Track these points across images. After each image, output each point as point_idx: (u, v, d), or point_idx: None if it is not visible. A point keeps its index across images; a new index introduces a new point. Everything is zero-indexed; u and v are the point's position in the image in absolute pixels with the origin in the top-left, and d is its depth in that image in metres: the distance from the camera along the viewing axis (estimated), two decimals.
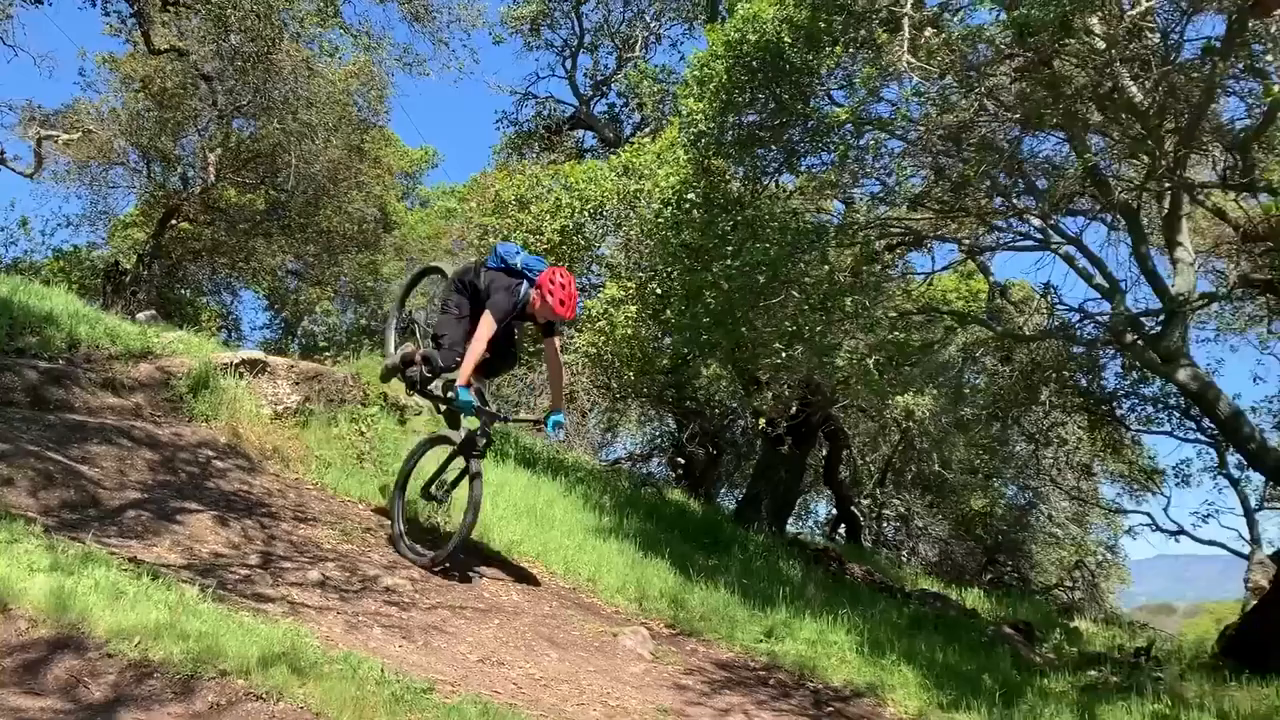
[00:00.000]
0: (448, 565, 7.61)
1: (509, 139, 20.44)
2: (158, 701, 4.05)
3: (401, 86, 44.00)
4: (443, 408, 8.27)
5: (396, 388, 12.24)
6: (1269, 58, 6.98)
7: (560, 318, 7.53)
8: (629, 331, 11.18)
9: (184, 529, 6.68)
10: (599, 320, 11.34)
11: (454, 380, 7.58)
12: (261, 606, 5.63)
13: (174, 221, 21.73)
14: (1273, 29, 6.88)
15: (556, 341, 7.98)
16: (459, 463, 7.86)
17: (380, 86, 21.42)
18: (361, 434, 9.73)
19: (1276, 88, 4.48)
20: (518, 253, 7.68)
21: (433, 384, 7.99)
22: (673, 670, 7.02)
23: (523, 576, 8.31)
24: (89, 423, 7.82)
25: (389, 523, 8.00)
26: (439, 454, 8.03)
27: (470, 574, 7.88)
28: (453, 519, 8.42)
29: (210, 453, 8.29)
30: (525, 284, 7.53)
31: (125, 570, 5.19)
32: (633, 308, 11.17)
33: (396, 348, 8.53)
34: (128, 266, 20.79)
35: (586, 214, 11.71)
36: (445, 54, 16.84)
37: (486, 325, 7.40)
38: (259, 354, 9.86)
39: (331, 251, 24.39)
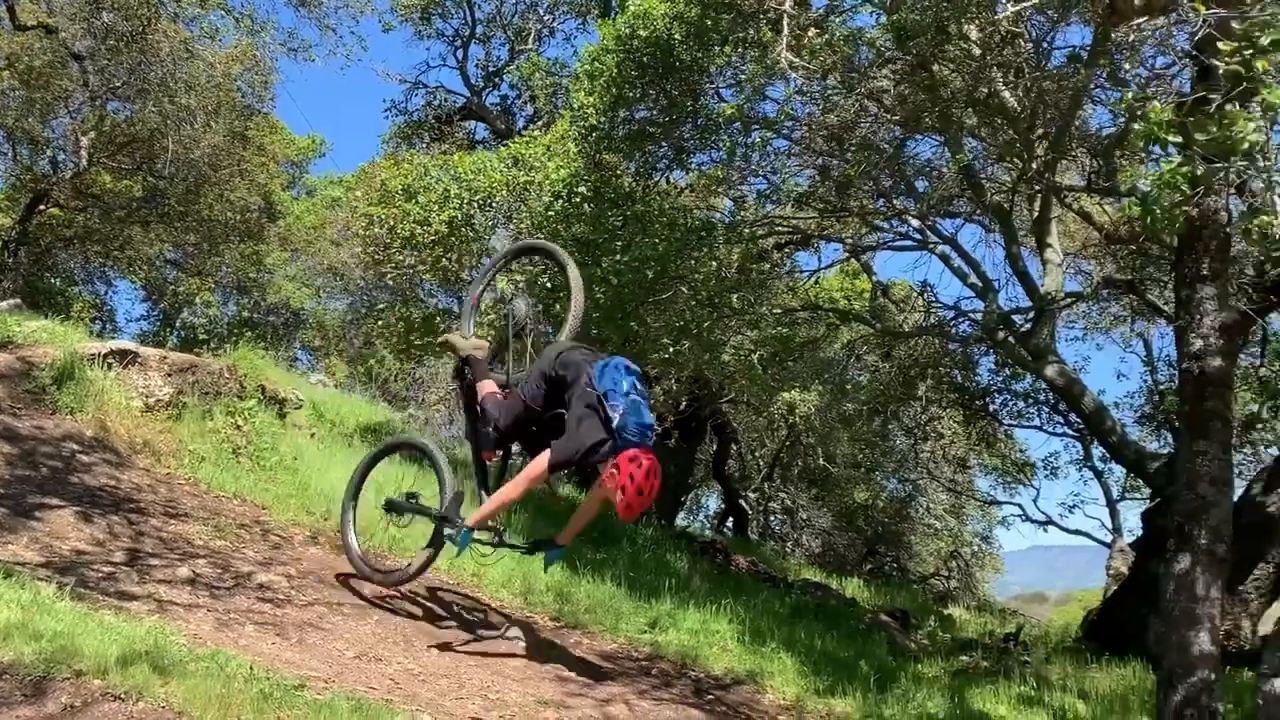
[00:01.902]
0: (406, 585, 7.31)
1: (398, 128, 20.08)
2: (6, 704, 3.87)
3: (287, 73, 42.86)
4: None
5: (279, 381, 11.98)
6: (1127, 66, 7.35)
7: (625, 507, 5.69)
8: None
9: (43, 526, 6.39)
10: (487, 314, 11.23)
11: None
12: (125, 605, 5.42)
13: (43, 207, 20.72)
14: (1132, 38, 7.24)
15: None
16: (427, 525, 7.06)
17: (265, 72, 20.81)
18: (238, 428, 9.45)
19: (1130, 94, 4.72)
20: (627, 393, 5.68)
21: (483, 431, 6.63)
22: (555, 662, 7.02)
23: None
24: None
25: (266, 517, 7.79)
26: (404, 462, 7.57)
27: (350, 570, 7.74)
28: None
29: (75, 446, 7.94)
30: (610, 443, 5.70)
31: None
32: (521, 302, 11.09)
33: (469, 332, 7.09)
34: None
35: (475, 205, 11.58)
36: (332, 40, 16.49)
37: (534, 472, 5.98)
38: (129, 344, 9.49)
39: (213, 241, 23.59)
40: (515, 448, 7.23)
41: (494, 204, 11.68)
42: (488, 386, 6.56)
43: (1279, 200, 4.28)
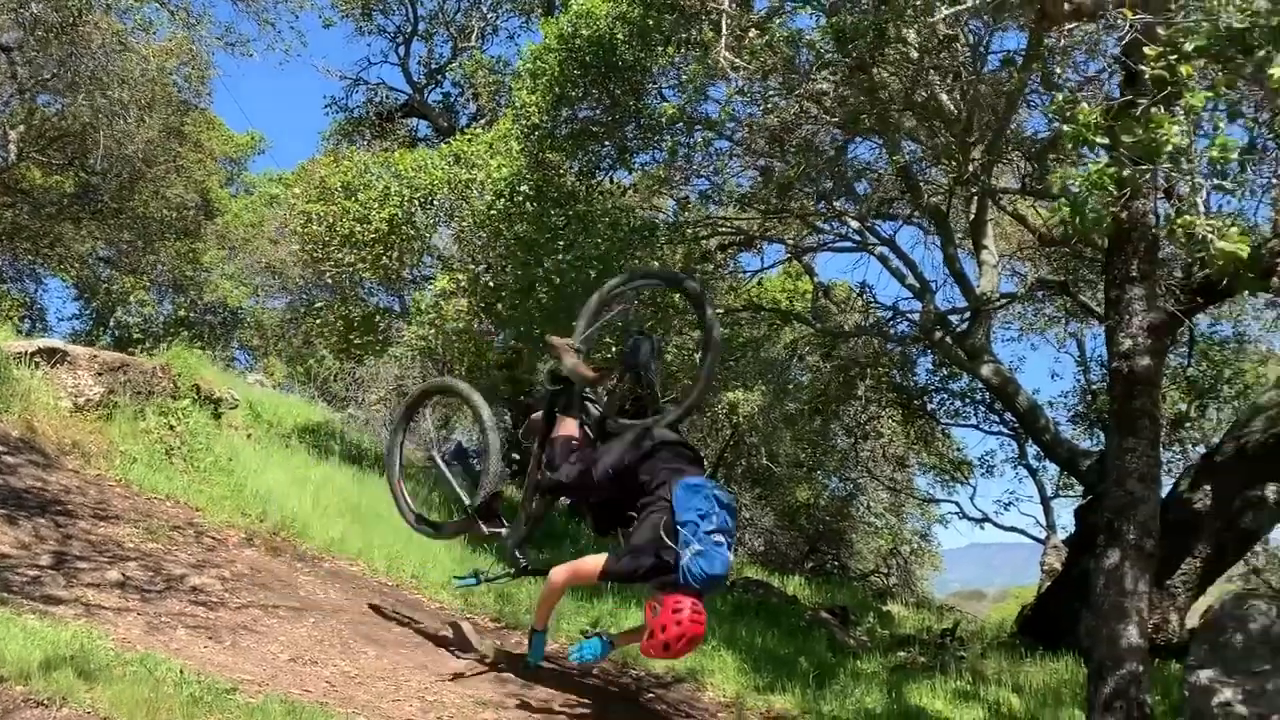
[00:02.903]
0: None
1: (339, 125, 19.85)
2: None
3: (225, 68, 42.07)
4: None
5: (215, 381, 11.76)
6: (1059, 70, 7.51)
7: (648, 648, 5.14)
8: (460, 325, 11.04)
9: None
10: (428, 313, 11.14)
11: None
12: (50, 609, 5.29)
13: None
14: (1062, 43, 7.40)
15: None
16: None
17: (201, 66, 20.41)
18: (171, 428, 9.27)
19: (1061, 97, 4.83)
20: (711, 532, 4.78)
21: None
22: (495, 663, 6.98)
23: (343, 574, 8.10)
24: None
25: (200, 519, 7.66)
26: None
27: (287, 572, 7.63)
28: None
29: (0, 448, 7.74)
30: (670, 577, 4.87)
31: None
32: (464, 301, 11.03)
33: (580, 345, 6.06)
34: None
35: (416, 203, 11.48)
36: (271, 35, 16.20)
37: (583, 570, 5.40)
38: (57, 343, 9.26)
39: (148, 238, 23.09)
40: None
41: (435, 202, 11.59)
42: (569, 426, 5.52)
43: (1201, 202, 4.40)
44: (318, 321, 13.77)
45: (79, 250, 23.20)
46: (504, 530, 6.48)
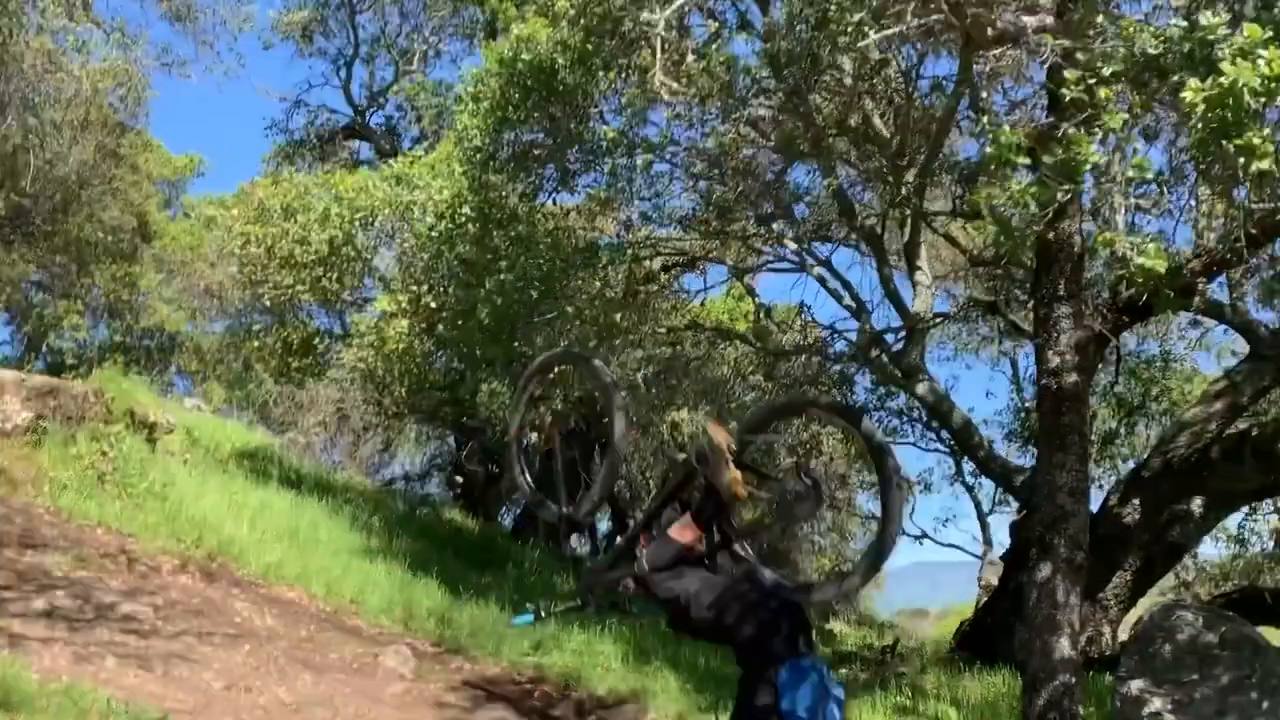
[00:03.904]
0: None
1: (280, 147, 19.65)
2: None
3: (163, 89, 41.46)
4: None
5: (150, 406, 11.53)
6: (985, 94, 7.73)
7: None
8: (400, 346, 10.97)
9: None
10: (368, 335, 11.06)
11: None
12: None
13: None
14: (988, 68, 7.61)
15: None
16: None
17: (138, 87, 20.07)
18: (103, 454, 9.08)
19: (986, 120, 4.98)
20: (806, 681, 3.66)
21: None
22: (435, 688, 6.93)
23: (279, 600, 7.98)
24: None
25: (132, 545, 7.50)
26: None
27: (222, 599, 7.51)
28: None
29: None
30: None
31: None
32: (404, 322, 10.97)
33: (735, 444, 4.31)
34: None
35: (357, 224, 11.41)
36: (210, 56, 16.03)
37: None
38: None
39: (82, 262, 22.59)
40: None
41: (376, 223, 11.53)
42: (688, 533, 4.28)
43: (1122, 220, 4.56)
44: (256, 345, 13.59)
45: (9, 274, 22.61)
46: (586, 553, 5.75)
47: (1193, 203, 7.92)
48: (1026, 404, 14.80)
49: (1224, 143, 3.98)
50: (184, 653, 6.19)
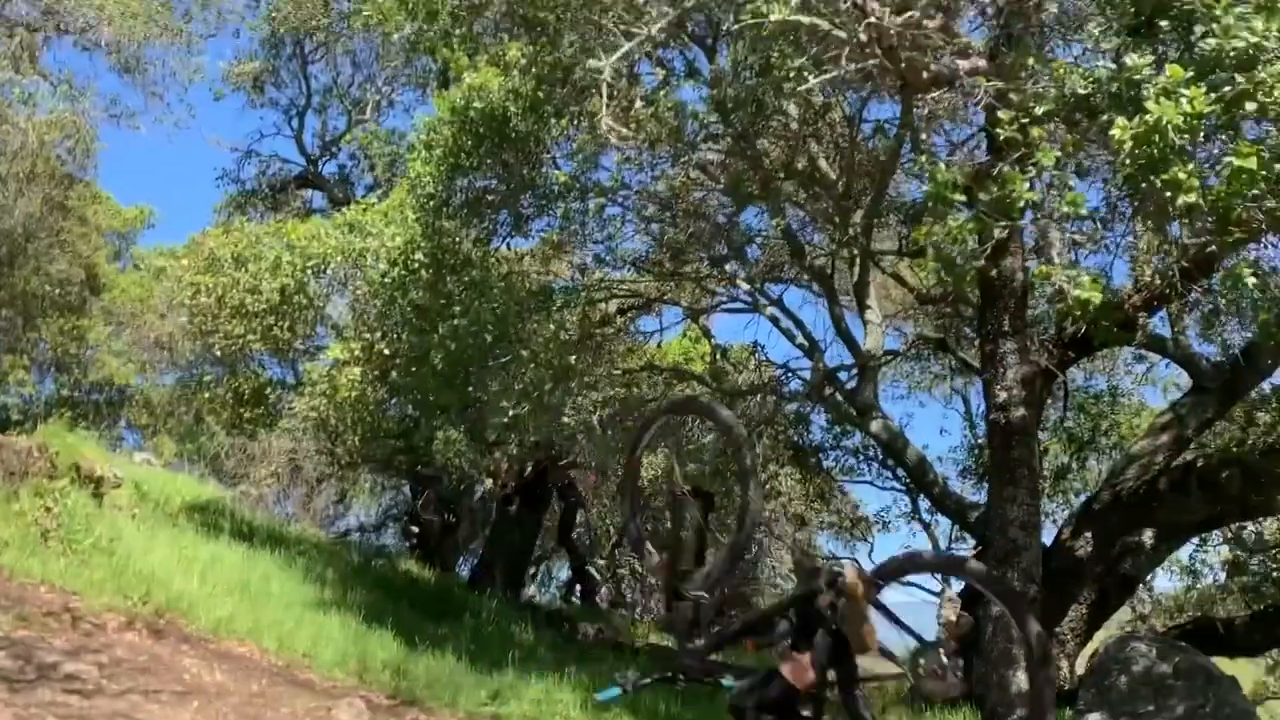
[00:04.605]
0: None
1: (231, 198, 19.53)
2: None
3: (113, 141, 41.19)
4: None
5: (96, 460, 11.30)
6: (924, 136, 7.92)
7: None
8: (353, 394, 10.88)
9: None
10: (320, 383, 10.96)
11: None
12: None
13: None
14: (926, 111, 7.81)
15: None
16: None
17: (86, 139, 19.91)
18: (47, 510, 8.87)
19: (923, 159, 5.11)
20: None
21: None
22: None
23: (230, 655, 7.81)
24: None
25: (77, 603, 7.32)
26: None
27: (171, 655, 7.34)
28: None
29: None
30: None
31: None
32: (357, 370, 10.90)
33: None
34: None
35: (309, 272, 11.36)
36: (160, 107, 15.99)
37: None
38: None
39: (29, 316, 22.22)
40: None
41: (329, 271, 11.48)
42: (806, 677, 3.90)
43: (1057, 255, 4.68)
44: (208, 396, 13.41)
45: None
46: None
47: (1130, 239, 8.13)
48: (979, 440, 14.96)
49: (1151, 178, 4.11)
50: (129, 712, 6.04)
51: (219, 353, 12.22)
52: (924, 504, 15.50)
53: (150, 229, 26.45)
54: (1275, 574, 13.19)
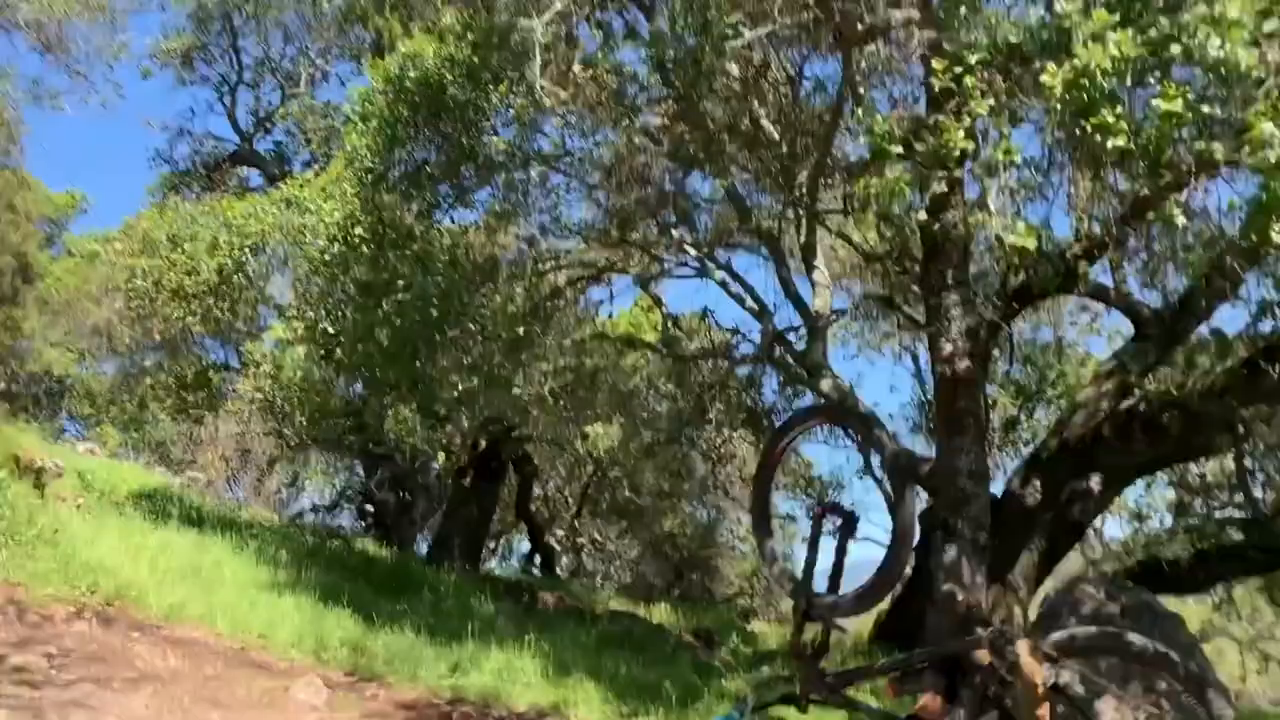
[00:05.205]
0: None
1: (165, 179, 19.07)
2: None
3: (39, 125, 39.99)
4: None
5: (35, 450, 11.06)
6: (862, 91, 7.92)
7: None
8: (298, 374, 10.71)
9: None
10: (264, 364, 10.78)
11: None
12: None
13: None
14: (862, 64, 7.81)
15: None
16: None
17: (10, 124, 19.31)
18: None
19: (861, 111, 5.10)
20: None
21: None
22: (348, 716, 6.77)
23: (183, 641, 7.70)
24: None
25: (21, 595, 7.16)
26: None
27: (121, 643, 7.22)
28: None
29: None
30: None
31: None
32: (301, 349, 10.73)
33: None
34: None
35: (247, 251, 11.13)
36: (85, 87, 15.51)
37: None
38: None
39: None
40: None
41: (268, 249, 11.26)
42: (934, 704, 3.78)
43: (993, 203, 4.70)
44: (150, 382, 13.15)
45: None
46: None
47: (1069, 189, 8.21)
48: (928, 397, 15.15)
49: (1082, 123, 4.14)
50: (81, 700, 5.94)
51: (159, 337, 11.98)
52: (875, 460, 15.68)
53: (83, 214, 25.93)
54: (1218, 513, 13.53)
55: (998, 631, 3.52)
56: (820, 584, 3.93)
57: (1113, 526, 16.92)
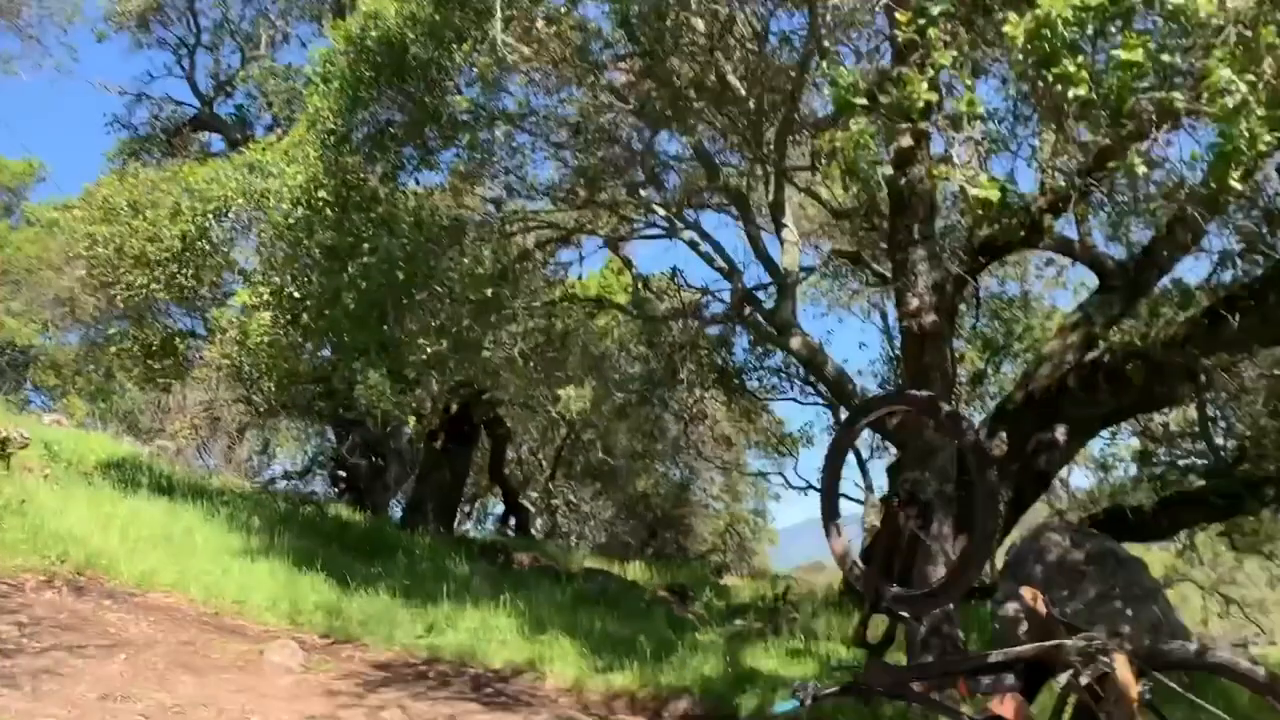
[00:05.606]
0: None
1: (124, 144, 18.71)
2: None
3: None
4: None
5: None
6: (828, 45, 7.89)
7: None
8: (265, 340, 10.61)
9: None
10: (230, 330, 10.67)
11: None
12: None
13: None
14: (828, 18, 7.76)
15: None
16: None
17: None
18: None
19: (825, 63, 5.09)
20: None
21: None
22: (325, 678, 6.81)
23: (156, 607, 7.70)
24: None
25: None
26: None
27: (93, 611, 7.20)
28: None
29: None
30: None
31: None
32: (267, 315, 10.62)
33: None
34: None
35: (210, 217, 10.97)
36: (38, 51, 15.19)
37: None
38: None
39: None
40: None
41: (231, 214, 11.11)
42: (1008, 707, 3.81)
43: (957, 156, 4.72)
44: (115, 351, 12.99)
45: None
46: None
47: (1034, 142, 8.23)
48: (897, 352, 15.26)
49: (1044, 73, 4.15)
50: (53, 668, 5.92)
51: (122, 305, 11.82)
52: (845, 415, 15.82)
53: (41, 182, 25.47)
54: (1181, 461, 13.76)
55: (1089, 647, 3.43)
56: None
57: (1078, 476, 17.18)
